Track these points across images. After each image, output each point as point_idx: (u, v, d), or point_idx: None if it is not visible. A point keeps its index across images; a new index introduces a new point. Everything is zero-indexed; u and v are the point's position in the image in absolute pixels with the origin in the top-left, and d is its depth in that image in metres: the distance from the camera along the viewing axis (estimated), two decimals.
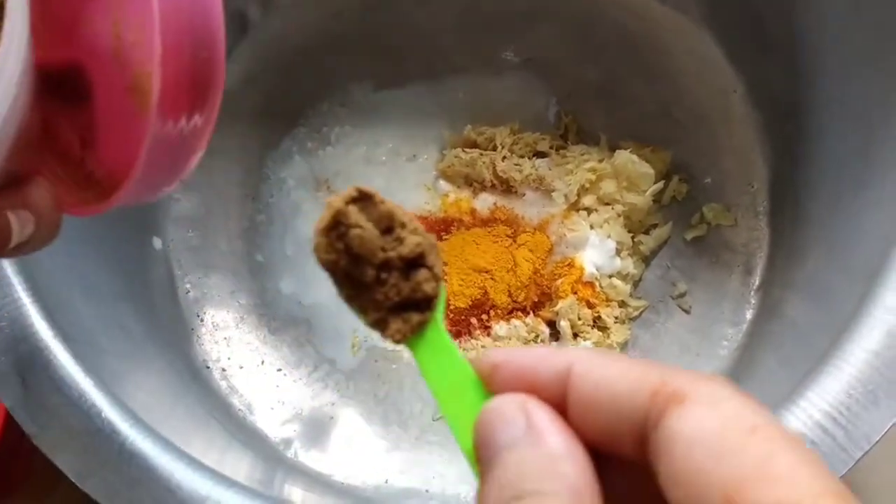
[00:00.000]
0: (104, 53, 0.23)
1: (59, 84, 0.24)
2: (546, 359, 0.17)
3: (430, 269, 0.20)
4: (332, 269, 0.20)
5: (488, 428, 0.17)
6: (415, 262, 0.20)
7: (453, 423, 0.18)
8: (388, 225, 0.20)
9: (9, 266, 0.34)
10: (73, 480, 0.31)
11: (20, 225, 0.23)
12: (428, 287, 0.19)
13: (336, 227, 0.19)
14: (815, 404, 0.31)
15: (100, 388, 0.32)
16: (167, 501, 0.30)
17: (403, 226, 0.19)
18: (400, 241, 0.19)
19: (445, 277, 0.41)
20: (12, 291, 0.33)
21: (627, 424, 0.16)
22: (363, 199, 0.19)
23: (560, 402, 0.17)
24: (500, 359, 0.18)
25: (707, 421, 0.14)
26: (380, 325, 0.20)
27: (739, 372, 0.45)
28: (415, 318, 0.20)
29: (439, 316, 0.20)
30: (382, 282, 0.19)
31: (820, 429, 0.30)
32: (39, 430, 0.31)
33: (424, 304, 0.20)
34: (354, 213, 0.19)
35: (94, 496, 0.31)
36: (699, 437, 0.14)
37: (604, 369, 0.16)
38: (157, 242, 0.49)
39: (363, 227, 0.19)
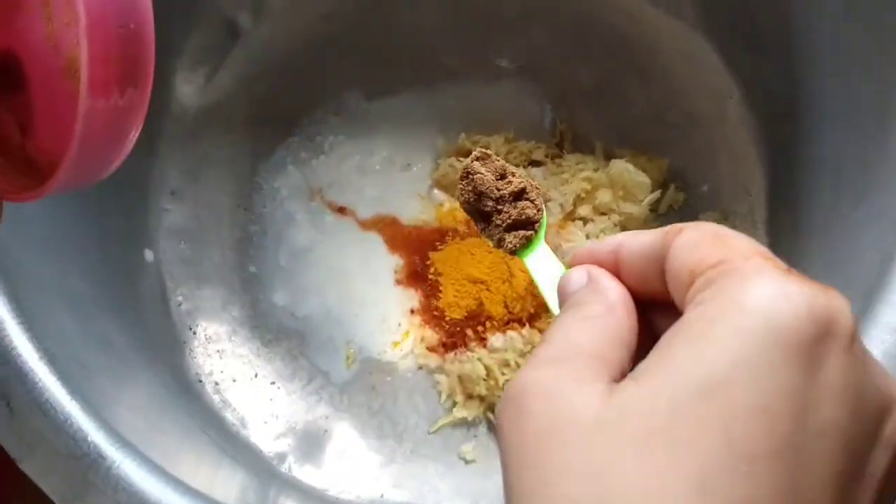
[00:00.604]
0: (37, 38, 0.23)
1: None
2: (605, 243, 0.24)
3: (532, 201, 0.27)
4: (465, 207, 0.28)
5: (563, 283, 0.24)
6: (520, 196, 0.27)
7: (553, 305, 0.25)
8: (502, 173, 0.28)
9: None
10: None
11: None
12: (530, 212, 0.27)
13: (467, 177, 0.27)
14: None
15: (86, 411, 0.32)
16: None
17: (512, 174, 0.27)
18: (510, 182, 0.27)
19: (544, 207, 0.48)
20: None
21: (655, 265, 0.21)
22: (483, 157, 0.28)
23: (616, 270, 0.23)
24: (576, 254, 0.24)
25: (690, 235, 0.21)
26: (500, 242, 0.27)
27: None
28: (522, 233, 0.27)
29: (542, 232, 0.27)
30: (499, 211, 0.27)
31: None
32: (25, 454, 0.31)
33: (530, 225, 0.27)
34: (478, 166, 0.27)
35: None
36: (683, 243, 0.21)
37: (639, 236, 0.22)
38: (149, 255, 0.48)
39: (483, 173, 0.27)
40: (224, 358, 0.48)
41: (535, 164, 0.50)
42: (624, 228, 0.48)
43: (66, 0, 0.21)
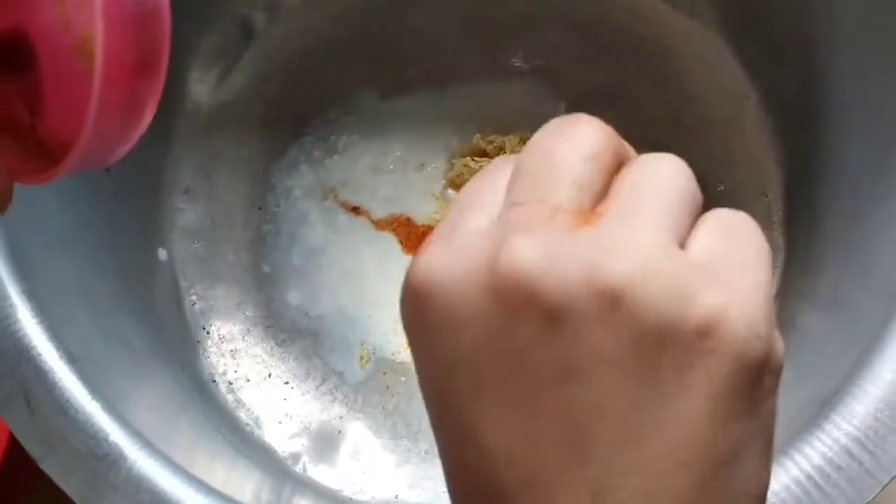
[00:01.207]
0: (47, 17, 0.22)
1: (2, 52, 0.23)
2: None
3: None
4: None
5: None
6: None
7: None
8: None
9: (10, 284, 0.33)
10: None
11: None
12: None
13: None
14: (841, 427, 0.30)
15: (107, 410, 0.32)
16: None
17: None
18: None
19: None
20: (14, 311, 0.33)
21: None
22: None
23: None
24: None
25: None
26: None
27: None
28: None
29: None
30: None
31: (846, 453, 0.29)
32: (46, 454, 0.31)
33: None
34: None
35: None
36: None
37: None
38: (163, 254, 0.48)
39: None
40: (238, 357, 0.48)
41: None
42: None
43: None
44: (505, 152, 0.50)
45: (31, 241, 0.35)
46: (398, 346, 0.49)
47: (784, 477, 0.29)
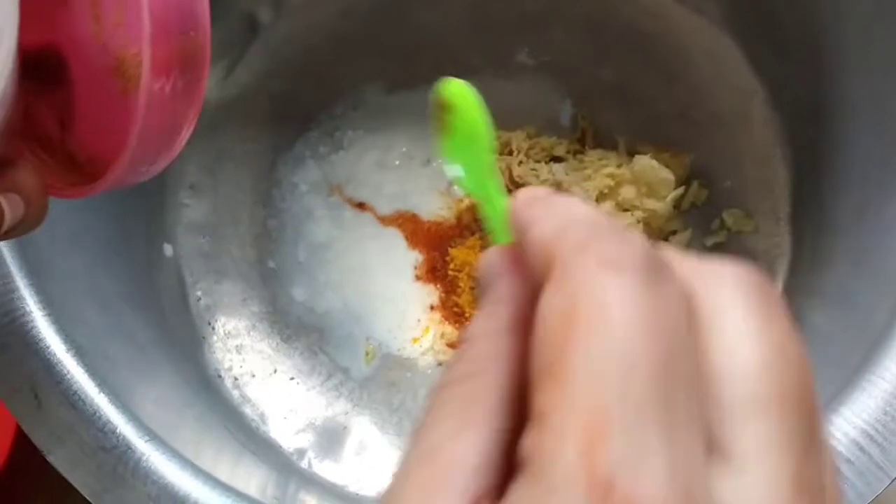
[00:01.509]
0: (83, 36, 0.23)
1: (36, 67, 0.23)
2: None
3: None
4: None
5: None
6: None
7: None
8: None
9: (19, 278, 0.33)
10: (88, 499, 0.30)
11: (11, 208, 0.23)
12: None
13: None
14: (851, 421, 0.30)
15: (114, 403, 0.32)
16: None
17: None
18: None
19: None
20: (24, 304, 0.33)
21: None
22: None
23: None
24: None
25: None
26: None
27: None
28: None
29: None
30: None
31: (856, 446, 0.29)
32: (53, 446, 0.31)
33: None
34: None
35: None
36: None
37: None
38: (168, 249, 0.48)
39: None
40: (243, 353, 0.48)
41: (556, 159, 0.50)
42: (647, 225, 0.47)
43: (119, 4, 0.21)
44: (511, 148, 0.50)
45: (39, 237, 0.35)
46: (404, 343, 0.49)
47: None
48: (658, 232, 0.48)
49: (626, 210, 0.48)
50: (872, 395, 0.30)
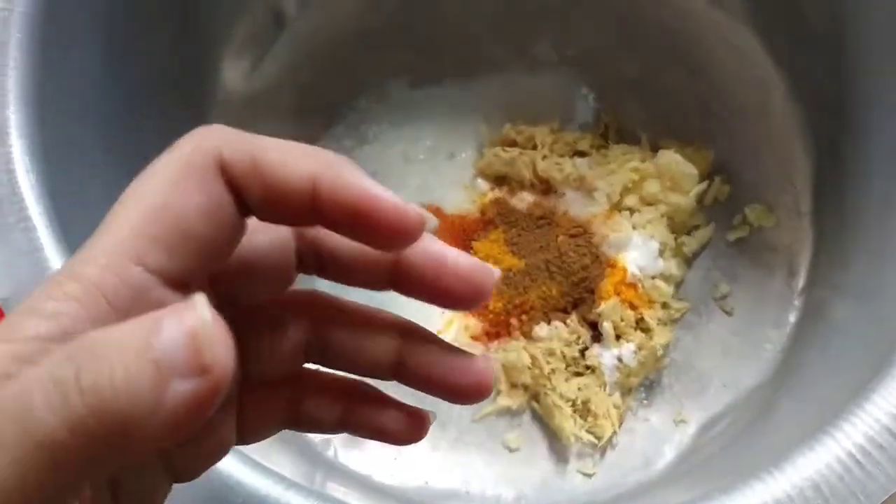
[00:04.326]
0: None
1: None
2: None
3: None
4: None
5: None
6: None
7: None
8: None
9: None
10: None
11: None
12: None
13: None
14: (882, 407, 0.30)
15: None
16: (227, 498, 0.30)
17: None
18: None
19: None
20: None
21: None
22: None
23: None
24: None
25: None
26: None
27: (784, 375, 0.44)
28: None
29: None
30: None
31: (887, 431, 0.29)
32: None
33: None
34: None
35: None
36: None
37: None
38: None
39: None
40: None
41: (579, 154, 0.51)
42: (671, 219, 0.48)
43: None
44: (535, 142, 0.50)
45: (80, 227, 0.36)
46: None
47: (826, 455, 0.29)
48: (681, 226, 0.49)
49: (649, 204, 0.48)
50: None
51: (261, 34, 0.51)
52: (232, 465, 0.31)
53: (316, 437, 0.46)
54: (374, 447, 0.46)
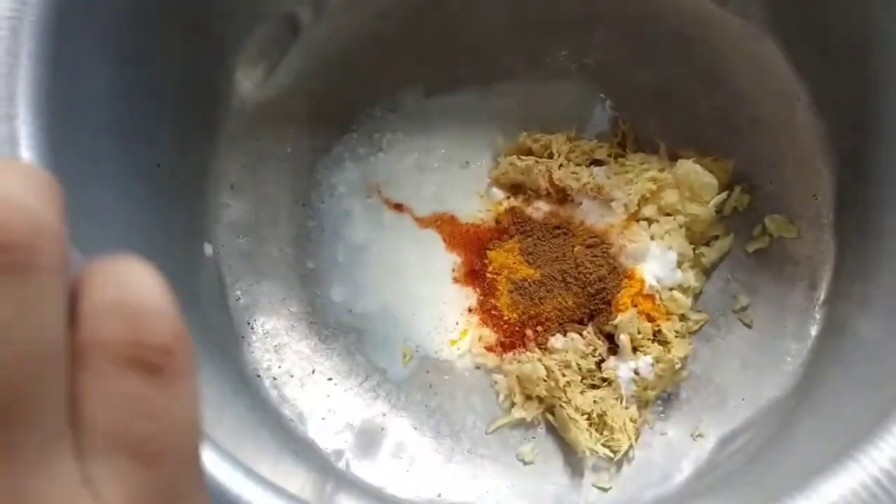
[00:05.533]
0: None
1: None
2: None
3: None
4: None
5: None
6: None
7: None
8: None
9: None
10: None
11: None
12: None
13: None
14: None
15: None
16: None
17: None
18: None
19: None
20: None
21: None
22: None
23: None
24: None
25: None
26: None
27: (805, 389, 0.44)
28: None
29: None
30: None
31: None
32: None
33: None
34: None
35: None
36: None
37: None
38: (208, 249, 0.48)
39: None
40: (281, 353, 0.48)
41: (597, 163, 0.50)
42: (689, 230, 0.47)
43: None
44: (551, 151, 0.50)
45: (85, 235, 0.35)
46: (441, 345, 0.48)
47: (850, 481, 0.28)
48: (700, 237, 0.48)
49: (668, 214, 0.47)
50: None
51: (275, 43, 0.51)
52: (232, 477, 0.30)
53: (328, 449, 0.45)
54: (386, 459, 0.46)
